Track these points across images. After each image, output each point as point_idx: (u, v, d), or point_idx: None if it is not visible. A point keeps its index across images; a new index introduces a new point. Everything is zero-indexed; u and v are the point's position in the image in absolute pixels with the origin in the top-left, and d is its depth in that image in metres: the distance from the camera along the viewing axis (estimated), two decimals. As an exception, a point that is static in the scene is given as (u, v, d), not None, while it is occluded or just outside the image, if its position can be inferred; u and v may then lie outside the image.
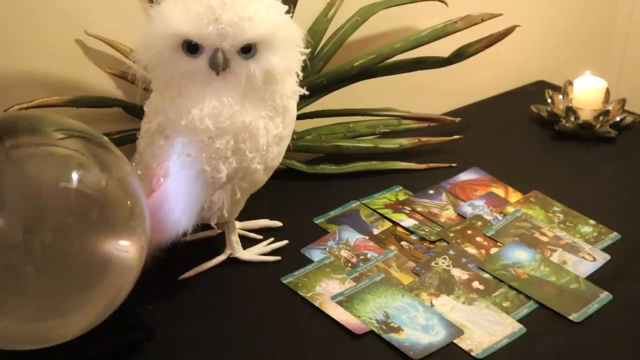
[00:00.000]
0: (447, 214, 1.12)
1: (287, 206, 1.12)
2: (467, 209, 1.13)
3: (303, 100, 1.05)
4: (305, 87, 0.95)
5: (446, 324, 0.91)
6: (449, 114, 1.36)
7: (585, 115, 1.34)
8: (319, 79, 1.18)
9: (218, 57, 0.84)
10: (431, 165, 1.24)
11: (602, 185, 1.21)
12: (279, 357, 0.88)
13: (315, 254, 1.03)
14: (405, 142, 1.25)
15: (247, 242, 1.04)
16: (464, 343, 0.89)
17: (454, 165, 1.24)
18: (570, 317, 0.93)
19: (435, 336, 0.90)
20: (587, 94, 1.36)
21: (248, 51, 0.85)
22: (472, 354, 0.88)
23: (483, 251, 1.04)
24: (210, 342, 0.89)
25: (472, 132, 1.33)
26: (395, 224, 1.10)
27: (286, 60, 0.88)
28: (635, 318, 0.94)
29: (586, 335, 0.91)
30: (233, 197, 0.93)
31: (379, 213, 1.12)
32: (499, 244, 1.05)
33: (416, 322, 0.92)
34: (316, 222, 1.10)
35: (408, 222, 1.10)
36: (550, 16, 1.57)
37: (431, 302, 0.95)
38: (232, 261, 1.01)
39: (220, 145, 0.87)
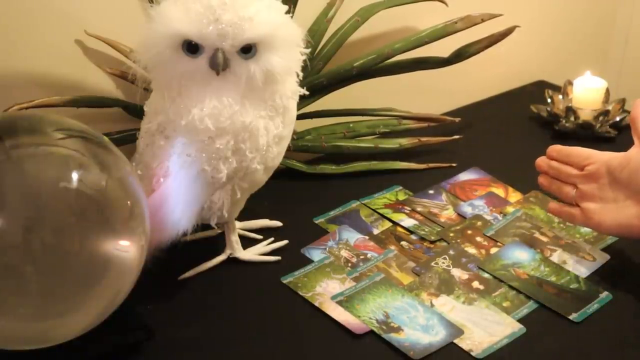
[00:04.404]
0: (447, 214, 1.12)
1: (287, 206, 1.12)
2: (467, 209, 1.13)
3: (303, 100, 1.05)
4: (305, 87, 0.95)
5: (446, 324, 0.91)
6: (449, 114, 1.36)
7: (585, 115, 1.34)
8: (319, 79, 1.18)
9: (218, 57, 0.84)
10: (431, 165, 1.24)
11: (602, 185, 1.20)
12: (279, 357, 0.88)
13: (315, 254, 1.03)
14: (405, 142, 1.25)
15: (247, 242, 1.04)
16: (464, 343, 0.89)
17: (454, 165, 1.24)
18: (570, 317, 0.93)
19: (435, 336, 0.90)
20: (587, 94, 1.36)
21: (248, 51, 0.85)
22: (472, 354, 0.88)
23: (483, 251, 1.04)
24: (210, 342, 0.89)
25: (472, 132, 1.33)
26: (395, 224, 1.10)
27: (286, 60, 0.88)
28: (635, 318, 0.94)
29: (586, 335, 0.91)
30: (233, 197, 0.93)
31: (379, 213, 1.12)
32: (499, 243, 1.05)
33: (416, 322, 0.92)
34: (316, 222, 1.10)
35: (408, 222, 1.10)
36: (550, 16, 1.57)
37: (431, 302, 0.95)
38: (232, 261, 1.01)
39: (220, 145, 0.87)
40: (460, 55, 1.23)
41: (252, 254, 1.02)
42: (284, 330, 0.91)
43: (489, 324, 0.92)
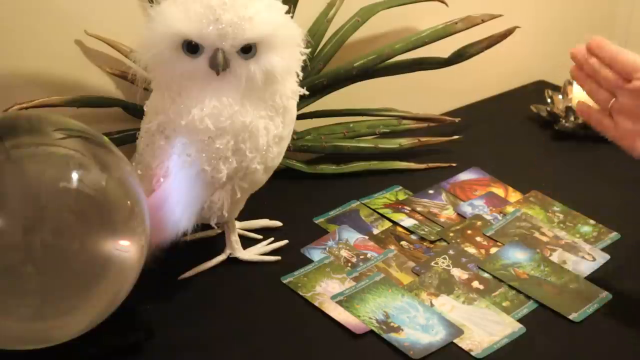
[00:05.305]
0: (447, 214, 1.12)
1: (287, 206, 1.12)
2: (466, 209, 1.13)
3: (303, 100, 1.05)
4: (305, 87, 0.95)
5: (446, 324, 0.91)
6: (449, 114, 1.36)
7: (585, 115, 1.34)
8: (319, 79, 1.18)
9: (218, 57, 0.84)
10: (431, 165, 1.24)
11: (602, 185, 1.21)
12: (279, 357, 0.88)
13: (315, 253, 1.03)
14: (405, 142, 1.25)
15: (247, 242, 1.04)
16: (463, 343, 0.89)
17: (453, 165, 1.24)
18: (570, 317, 0.93)
19: (435, 336, 0.90)
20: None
21: (248, 51, 0.85)
22: (472, 353, 0.88)
23: (483, 251, 1.04)
24: (210, 342, 0.89)
25: (472, 132, 1.33)
26: (395, 223, 1.10)
27: (286, 60, 0.88)
28: (635, 318, 0.94)
29: (586, 335, 0.91)
30: (233, 197, 0.93)
31: (378, 213, 1.12)
32: (498, 243, 1.06)
33: (416, 321, 0.92)
34: (316, 222, 1.10)
35: (408, 222, 1.10)
36: (549, 16, 1.57)
37: (431, 302, 0.95)
38: (232, 261, 1.01)
39: (220, 145, 0.87)
40: (460, 56, 1.23)
41: (252, 254, 1.02)
42: (284, 330, 0.91)
43: (489, 324, 0.92)
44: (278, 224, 1.08)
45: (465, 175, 1.22)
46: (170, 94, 0.89)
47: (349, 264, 1.01)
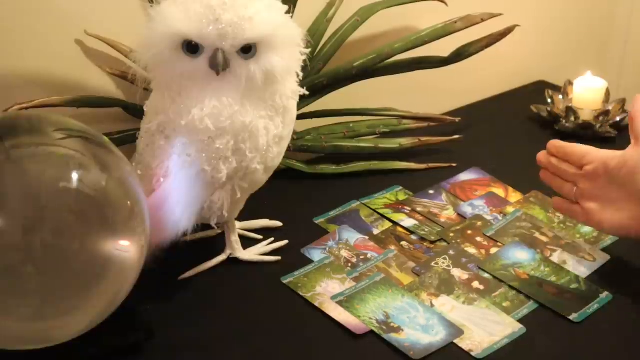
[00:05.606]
0: (447, 214, 1.12)
1: (287, 206, 1.12)
2: (467, 209, 1.13)
3: (303, 100, 1.05)
4: (305, 87, 0.95)
5: (446, 324, 0.91)
6: (449, 114, 1.36)
7: (585, 115, 1.34)
8: (319, 79, 1.18)
9: (218, 57, 0.84)
10: (431, 165, 1.24)
11: (602, 185, 1.20)
12: (279, 357, 0.88)
13: (315, 254, 1.03)
14: (405, 142, 1.25)
15: (247, 242, 1.03)
16: (464, 343, 0.89)
17: (454, 165, 1.24)
18: (570, 317, 0.93)
19: (435, 336, 0.90)
20: (587, 94, 1.36)
21: (248, 51, 0.85)
22: (472, 354, 0.88)
23: (483, 251, 1.04)
24: (210, 342, 0.89)
25: (472, 132, 1.33)
26: (395, 224, 1.10)
27: (286, 60, 0.88)
28: (635, 318, 0.94)
29: (586, 335, 0.91)
30: (233, 197, 0.93)
31: (379, 213, 1.12)
32: (499, 244, 1.05)
33: (416, 322, 0.92)
34: (316, 222, 1.10)
35: (408, 222, 1.10)
36: (550, 16, 1.57)
37: (431, 302, 0.95)
38: (232, 261, 1.01)
39: (220, 145, 0.87)
40: (460, 55, 1.23)
41: (252, 254, 1.02)
42: (284, 331, 0.91)
43: (489, 324, 0.92)
44: (278, 224, 1.08)
45: (465, 176, 1.22)
46: (170, 94, 0.89)
47: (349, 264, 1.01)
